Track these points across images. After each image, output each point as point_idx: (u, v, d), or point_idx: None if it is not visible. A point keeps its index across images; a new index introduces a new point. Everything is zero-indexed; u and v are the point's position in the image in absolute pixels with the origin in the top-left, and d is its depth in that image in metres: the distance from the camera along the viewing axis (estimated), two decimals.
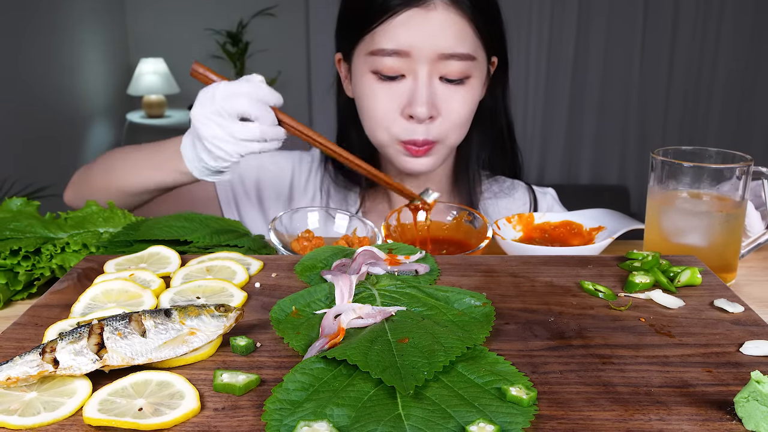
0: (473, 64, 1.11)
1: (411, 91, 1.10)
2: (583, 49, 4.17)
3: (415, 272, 0.75)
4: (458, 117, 1.13)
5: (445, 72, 1.10)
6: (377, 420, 0.48)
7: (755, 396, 0.49)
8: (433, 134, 1.12)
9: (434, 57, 1.08)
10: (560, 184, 4.29)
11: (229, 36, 4.24)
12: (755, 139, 4.24)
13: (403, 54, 1.09)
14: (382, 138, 1.15)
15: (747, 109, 4.22)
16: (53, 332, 0.61)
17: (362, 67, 1.14)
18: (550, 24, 4.14)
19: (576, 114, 4.29)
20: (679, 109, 4.25)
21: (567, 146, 4.35)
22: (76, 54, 3.69)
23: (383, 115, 1.13)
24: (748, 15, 4.06)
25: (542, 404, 0.51)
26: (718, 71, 4.16)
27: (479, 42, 1.12)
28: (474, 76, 1.13)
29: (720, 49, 4.12)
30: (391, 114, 1.12)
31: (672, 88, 4.22)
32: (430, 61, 1.08)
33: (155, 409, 0.50)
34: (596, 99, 4.25)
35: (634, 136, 4.30)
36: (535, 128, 4.31)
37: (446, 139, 1.14)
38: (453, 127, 1.14)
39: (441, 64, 1.09)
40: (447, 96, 1.11)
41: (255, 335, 0.63)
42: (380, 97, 1.12)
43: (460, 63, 1.09)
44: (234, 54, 4.24)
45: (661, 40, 4.13)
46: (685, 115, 4.26)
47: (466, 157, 1.27)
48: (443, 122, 1.12)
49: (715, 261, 0.87)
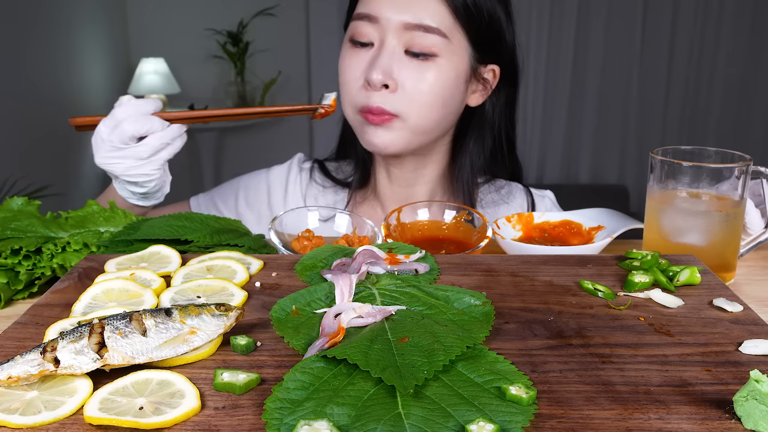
0: (443, 42, 1.11)
1: (373, 58, 1.12)
2: (582, 49, 4.17)
3: (415, 271, 0.75)
4: (418, 94, 1.12)
5: (409, 44, 1.11)
6: (377, 419, 0.48)
7: (754, 395, 0.49)
8: (389, 104, 1.12)
9: (399, 26, 1.10)
10: (560, 183, 4.30)
11: (229, 36, 4.24)
12: (754, 138, 4.24)
13: (374, 20, 1.11)
14: (349, 111, 1.18)
15: (746, 109, 4.22)
16: (54, 331, 0.61)
17: (345, 39, 1.19)
18: (550, 24, 4.15)
19: (575, 114, 4.29)
20: (678, 108, 4.26)
21: (566, 146, 4.36)
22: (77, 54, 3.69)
23: (349, 82, 1.15)
24: (747, 15, 4.06)
25: (542, 403, 0.51)
26: (717, 71, 4.16)
27: (456, 25, 1.12)
28: (443, 57, 1.12)
29: (719, 49, 4.12)
30: (355, 83, 1.14)
31: (671, 87, 4.22)
32: (396, 30, 1.10)
33: (156, 408, 0.50)
34: (596, 99, 4.25)
35: (633, 135, 4.30)
36: (534, 128, 4.31)
37: (406, 116, 1.13)
38: (412, 104, 1.12)
39: (407, 35, 1.11)
40: (409, 69, 1.11)
41: (255, 334, 0.63)
42: (348, 63, 1.16)
43: (425, 35, 1.10)
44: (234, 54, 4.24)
45: (661, 40, 4.14)
46: (684, 114, 4.26)
47: (460, 163, 1.27)
48: (402, 96, 1.12)
49: (714, 260, 0.87)
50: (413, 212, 1.06)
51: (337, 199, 1.31)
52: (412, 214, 1.05)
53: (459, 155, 1.26)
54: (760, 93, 4.17)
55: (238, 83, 4.28)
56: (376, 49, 1.12)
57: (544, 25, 4.14)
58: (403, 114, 1.13)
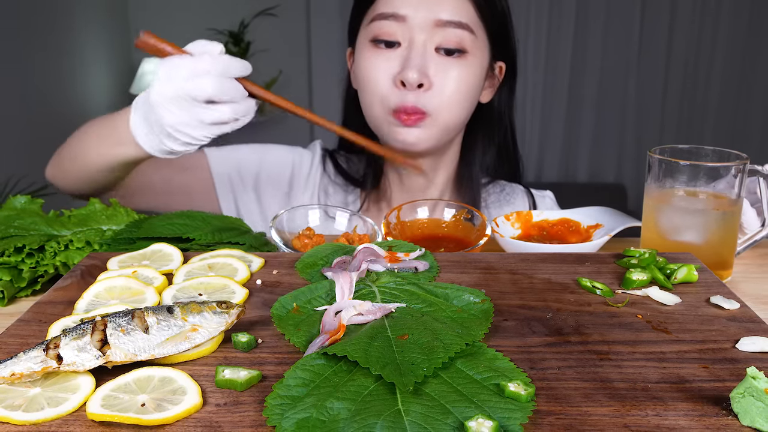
0: (470, 38, 1.11)
1: (404, 58, 1.10)
2: (580, 48, 4.17)
3: (415, 269, 0.76)
4: (450, 92, 1.12)
5: (440, 41, 1.10)
6: (377, 414, 0.48)
7: (751, 392, 0.49)
8: (423, 103, 1.11)
9: (430, 24, 1.09)
10: (558, 182, 4.30)
11: (230, 36, 4.24)
12: (751, 137, 4.24)
13: (400, 19, 1.10)
14: (378, 112, 1.15)
15: (743, 108, 4.22)
16: (57, 329, 0.62)
17: (364, 39, 1.15)
18: (548, 23, 4.14)
19: (573, 113, 4.29)
20: (675, 107, 4.25)
21: (565, 145, 4.35)
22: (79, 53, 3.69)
23: (377, 82, 1.12)
24: (744, 14, 4.06)
25: (540, 400, 0.52)
26: (714, 70, 4.16)
27: (479, 21, 1.13)
28: (471, 53, 1.12)
29: (716, 48, 4.12)
30: (385, 82, 1.12)
31: (669, 87, 4.22)
32: (425, 28, 1.09)
33: (158, 405, 0.50)
34: (594, 98, 4.25)
35: (631, 134, 4.30)
36: (533, 127, 4.31)
37: (438, 114, 1.13)
38: (445, 102, 1.12)
39: (437, 32, 1.10)
40: (441, 67, 1.11)
41: (256, 331, 0.63)
42: (375, 64, 1.13)
43: (456, 31, 1.10)
44: (236, 53, 4.24)
45: (659, 39, 4.14)
46: (682, 113, 4.26)
47: (470, 162, 1.27)
48: (435, 95, 1.11)
49: (712, 258, 0.88)
50: (413, 210, 1.06)
51: (348, 199, 1.31)
52: (411, 213, 1.06)
53: (468, 153, 1.26)
54: (756, 92, 4.17)
55: None
56: (406, 48, 1.11)
57: (543, 25, 4.14)
58: (434, 112, 1.12)
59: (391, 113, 1.13)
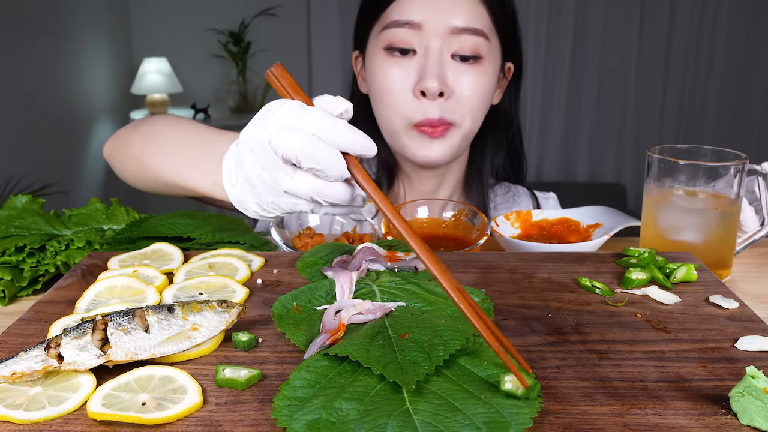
0: (486, 44, 1.10)
1: (421, 66, 1.08)
2: (580, 48, 4.17)
3: (415, 268, 0.76)
4: (470, 99, 1.10)
5: (456, 48, 1.08)
6: (387, 414, 0.48)
7: (750, 391, 0.49)
8: (447, 114, 1.09)
9: (446, 31, 1.08)
10: (558, 182, 4.30)
11: (231, 36, 4.24)
12: (750, 137, 4.24)
13: (415, 26, 1.08)
14: (397, 125, 1.12)
15: (742, 108, 4.22)
16: (58, 328, 0.62)
17: (375, 46, 1.13)
18: (548, 23, 4.14)
19: (573, 112, 4.29)
20: (675, 107, 4.25)
21: (564, 145, 4.35)
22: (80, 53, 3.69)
23: (395, 94, 1.10)
24: (743, 14, 4.06)
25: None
26: (713, 70, 4.16)
27: (493, 26, 1.12)
28: (486, 60, 1.11)
29: (715, 48, 4.12)
30: (403, 94, 1.09)
31: (668, 86, 4.22)
32: (441, 35, 1.08)
33: (158, 404, 0.50)
34: (593, 97, 4.25)
35: (630, 134, 4.30)
36: (532, 127, 4.30)
37: (461, 123, 1.11)
38: (467, 110, 1.10)
39: (453, 39, 1.08)
40: (458, 74, 1.09)
41: (257, 331, 0.63)
42: (391, 73, 1.10)
43: (472, 38, 1.08)
44: (236, 53, 4.24)
45: (658, 39, 4.13)
46: (681, 113, 4.26)
47: (479, 165, 1.25)
48: (456, 103, 1.09)
49: (711, 257, 0.88)
50: (413, 210, 1.06)
51: None
52: (411, 212, 1.06)
53: (478, 156, 1.25)
54: (755, 92, 4.17)
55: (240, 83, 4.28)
56: (421, 56, 1.09)
57: (542, 25, 4.14)
58: (458, 121, 1.11)
59: (413, 127, 1.11)
